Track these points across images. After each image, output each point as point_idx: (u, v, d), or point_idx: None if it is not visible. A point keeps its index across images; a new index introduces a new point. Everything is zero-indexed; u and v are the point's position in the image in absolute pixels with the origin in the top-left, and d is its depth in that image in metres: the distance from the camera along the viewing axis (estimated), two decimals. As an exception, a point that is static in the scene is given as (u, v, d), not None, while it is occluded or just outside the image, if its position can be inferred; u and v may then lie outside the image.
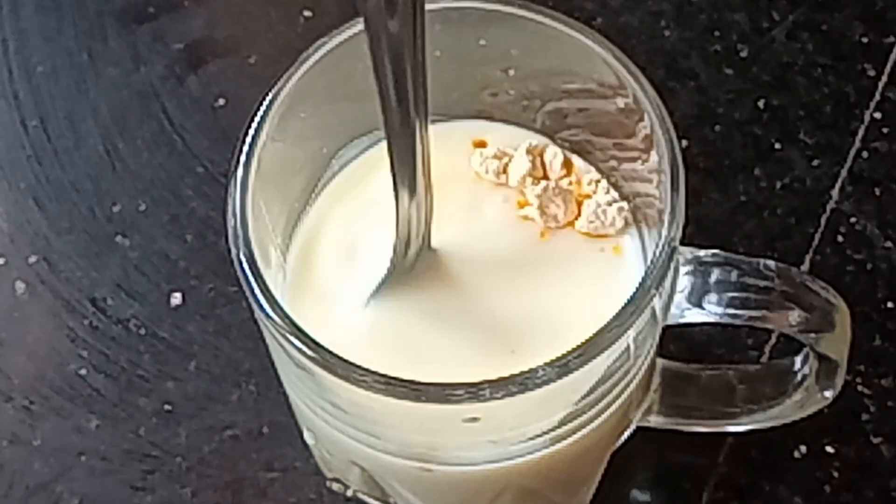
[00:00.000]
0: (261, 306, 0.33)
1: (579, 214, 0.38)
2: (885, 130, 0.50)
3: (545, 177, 0.39)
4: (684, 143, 0.47)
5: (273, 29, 0.53)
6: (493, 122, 0.40)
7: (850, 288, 0.46)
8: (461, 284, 0.37)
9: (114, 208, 0.49)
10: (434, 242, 0.37)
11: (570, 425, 0.35)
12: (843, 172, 0.49)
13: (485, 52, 0.38)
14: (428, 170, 0.33)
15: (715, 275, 0.34)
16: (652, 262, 0.33)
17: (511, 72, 0.39)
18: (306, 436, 0.41)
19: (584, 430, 0.36)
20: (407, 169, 0.33)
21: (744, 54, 0.51)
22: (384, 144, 0.32)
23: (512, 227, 0.38)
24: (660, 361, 0.40)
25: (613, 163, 0.39)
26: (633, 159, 0.37)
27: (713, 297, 0.34)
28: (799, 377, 0.39)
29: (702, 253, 0.35)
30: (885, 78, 0.51)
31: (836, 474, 0.44)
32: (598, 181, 0.39)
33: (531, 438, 0.35)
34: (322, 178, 0.39)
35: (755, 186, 0.49)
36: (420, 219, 0.35)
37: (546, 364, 0.32)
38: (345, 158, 0.39)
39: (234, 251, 0.34)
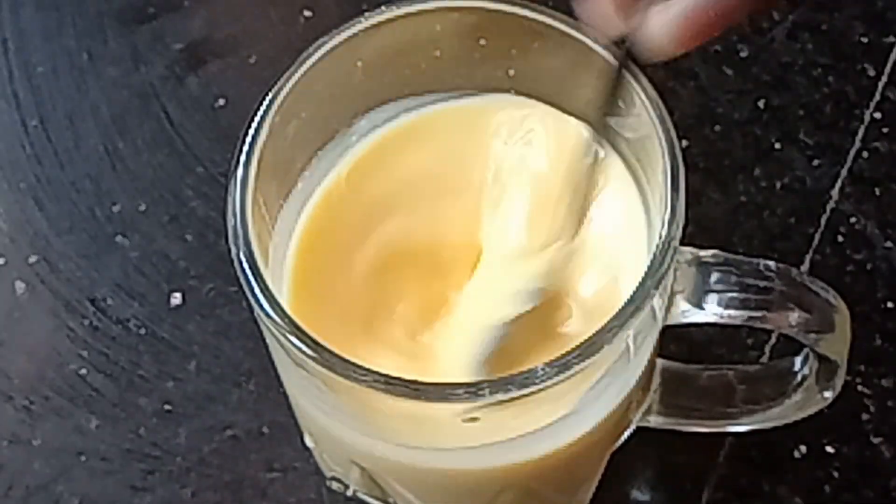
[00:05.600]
0: (261, 306, 0.33)
1: None
2: (885, 130, 0.50)
3: None
4: (684, 143, 0.47)
5: (273, 29, 0.53)
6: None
7: (850, 288, 0.46)
8: None
9: (114, 208, 0.49)
10: None
11: (570, 425, 0.35)
12: (843, 172, 0.49)
13: (485, 52, 0.38)
14: None
15: (715, 275, 0.34)
16: (652, 262, 0.33)
17: (511, 72, 0.39)
18: (307, 439, 0.41)
19: (584, 430, 0.36)
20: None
21: (744, 54, 0.51)
22: (381, 143, 0.32)
23: None
24: (660, 361, 0.40)
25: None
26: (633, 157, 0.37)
27: (713, 297, 0.34)
28: (799, 378, 0.39)
29: (702, 253, 0.35)
30: (885, 78, 0.51)
31: (836, 474, 0.44)
32: None
33: (531, 438, 0.35)
34: (322, 178, 0.39)
35: (755, 186, 0.49)
36: None
37: (546, 364, 0.32)
38: (344, 157, 0.39)
39: (234, 251, 0.34)
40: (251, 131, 0.35)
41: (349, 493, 0.41)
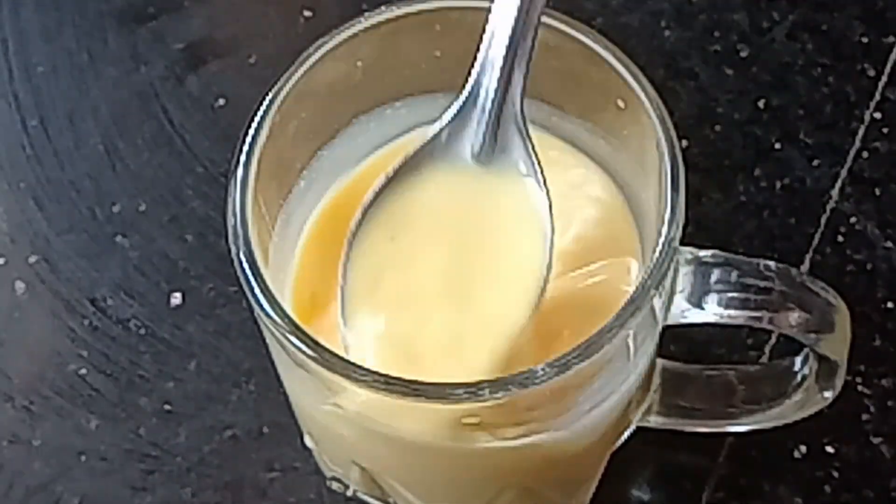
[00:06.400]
0: (261, 306, 0.33)
1: None
2: (885, 130, 0.50)
3: None
4: (684, 143, 0.47)
5: (273, 29, 0.53)
6: None
7: (850, 288, 0.46)
8: None
9: (114, 208, 0.49)
10: None
11: (571, 425, 0.35)
12: (843, 172, 0.49)
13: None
14: None
15: (715, 275, 0.34)
16: (652, 262, 0.33)
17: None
18: (307, 439, 0.41)
19: (585, 431, 0.36)
20: None
21: (744, 54, 0.51)
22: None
23: None
24: (660, 361, 0.40)
25: (612, 161, 0.39)
26: (633, 157, 0.37)
27: (713, 297, 0.34)
28: (799, 378, 0.39)
29: (702, 253, 0.35)
30: (885, 78, 0.51)
31: (836, 474, 0.44)
32: None
33: (531, 438, 0.35)
34: (321, 178, 0.39)
35: (755, 186, 0.49)
36: None
37: (546, 364, 0.32)
38: (344, 158, 0.39)
39: (234, 251, 0.34)
40: (251, 131, 0.35)
41: (349, 493, 0.41)
